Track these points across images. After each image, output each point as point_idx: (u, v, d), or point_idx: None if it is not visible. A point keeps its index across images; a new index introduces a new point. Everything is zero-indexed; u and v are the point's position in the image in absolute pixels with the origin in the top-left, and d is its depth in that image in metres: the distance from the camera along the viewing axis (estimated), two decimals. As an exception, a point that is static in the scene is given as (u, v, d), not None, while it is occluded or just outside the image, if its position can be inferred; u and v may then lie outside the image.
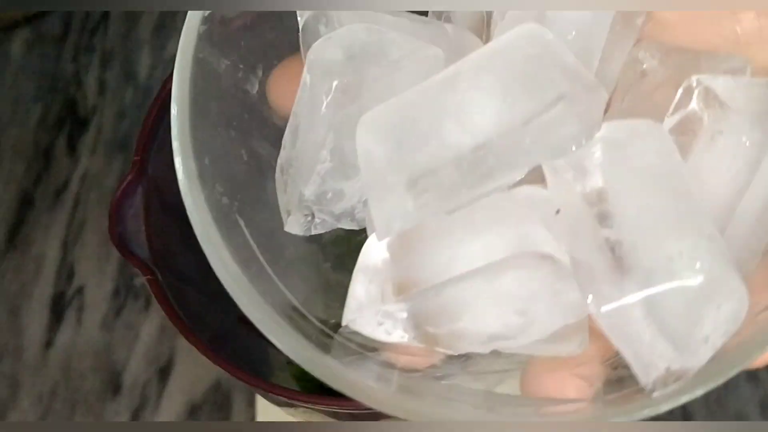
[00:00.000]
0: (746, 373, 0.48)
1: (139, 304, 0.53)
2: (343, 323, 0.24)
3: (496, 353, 0.24)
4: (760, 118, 0.22)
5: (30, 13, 0.64)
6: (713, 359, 0.21)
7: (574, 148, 0.21)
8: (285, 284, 0.26)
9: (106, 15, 0.64)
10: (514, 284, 0.23)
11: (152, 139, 0.33)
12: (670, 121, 0.23)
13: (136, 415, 0.50)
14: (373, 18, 0.24)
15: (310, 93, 0.23)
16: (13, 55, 0.63)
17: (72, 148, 0.59)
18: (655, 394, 0.21)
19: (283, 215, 0.25)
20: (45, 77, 0.62)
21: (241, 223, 0.25)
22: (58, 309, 0.53)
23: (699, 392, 0.21)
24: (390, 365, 0.24)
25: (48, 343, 0.52)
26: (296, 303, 0.26)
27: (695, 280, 0.20)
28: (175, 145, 0.24)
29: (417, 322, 0.24)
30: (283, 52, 0.27)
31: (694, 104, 0.22)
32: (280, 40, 0.27)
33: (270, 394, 0.29)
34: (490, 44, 0.22)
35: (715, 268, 0.20)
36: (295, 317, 0.25)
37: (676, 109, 0.23)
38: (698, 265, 0.20)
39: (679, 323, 0.21)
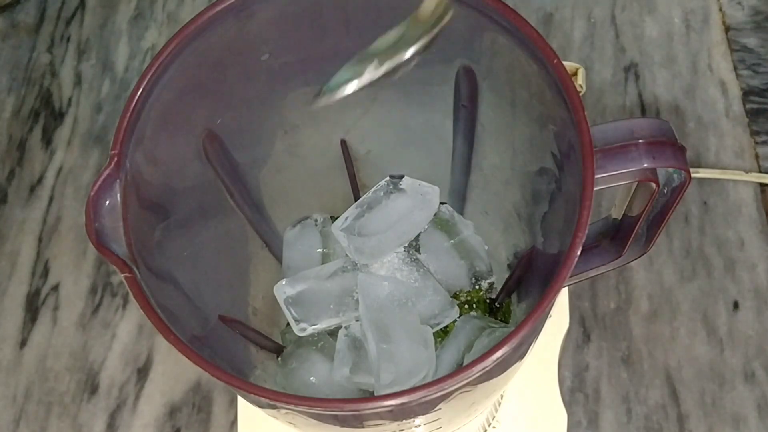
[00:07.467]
0: (743, 374, 0.47)
1: (116, 302, 0.52)
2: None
3: None
4: None
5: (3, 1, 0.62)
6: None
7: None
8: None
9: (82, 4, 0.63)
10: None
11: (130, 132, 0.31)
12: None
13: (113, 416, 0.49)
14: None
15: None
16: (-14, 46, 0.62)
17: (47, 141, 0.58)
18: None
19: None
20: (19, 68, 0.61)
21: None
22: (32, 307, 0.52)
23: None
24: None
25: (22, 343, 0.51)
26: None
27: None
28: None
29: None
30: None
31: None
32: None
33: (251, 394, 0.28)
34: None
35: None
36: None
37: None
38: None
39: None
